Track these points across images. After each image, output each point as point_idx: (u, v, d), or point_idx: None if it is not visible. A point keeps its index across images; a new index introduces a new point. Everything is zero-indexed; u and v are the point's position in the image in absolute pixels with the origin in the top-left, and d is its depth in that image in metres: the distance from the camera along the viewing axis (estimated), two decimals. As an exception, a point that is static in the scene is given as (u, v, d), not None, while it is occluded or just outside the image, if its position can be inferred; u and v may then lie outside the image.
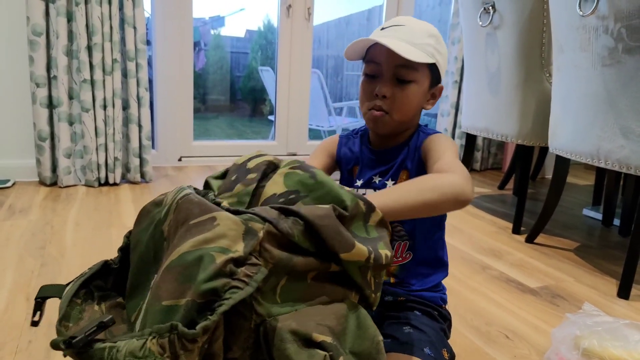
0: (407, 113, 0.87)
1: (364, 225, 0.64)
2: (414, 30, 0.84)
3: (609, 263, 1.57)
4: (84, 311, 0.63)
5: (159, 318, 0.50)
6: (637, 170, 1.27)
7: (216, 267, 0.51)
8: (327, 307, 0.59)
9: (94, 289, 0.68)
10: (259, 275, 0.53)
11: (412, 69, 0.83)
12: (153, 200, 0.70)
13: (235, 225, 0.55)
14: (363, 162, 0.95)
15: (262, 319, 0.54)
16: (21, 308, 1.06)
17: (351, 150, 0.97)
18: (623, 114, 1.29)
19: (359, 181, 0.93)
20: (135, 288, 0.65)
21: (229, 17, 5.87)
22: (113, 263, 0.72)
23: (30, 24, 1.93)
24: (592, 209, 2.16)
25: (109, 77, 2.07)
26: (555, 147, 1.61)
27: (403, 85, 0.84)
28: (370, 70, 0.86)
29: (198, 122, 3.10)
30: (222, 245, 0.53)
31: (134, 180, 2.23)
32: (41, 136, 2.03)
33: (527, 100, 1.82)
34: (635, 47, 1.23)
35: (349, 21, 6.14)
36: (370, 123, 0.89)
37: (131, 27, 2.09)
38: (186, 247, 0.53)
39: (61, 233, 1.53)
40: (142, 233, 0.67)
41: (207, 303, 0.50)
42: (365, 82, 0.88)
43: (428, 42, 0.84)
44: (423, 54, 0.82)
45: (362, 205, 0.64)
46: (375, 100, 0.85)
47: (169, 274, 0.52)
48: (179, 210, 0.60)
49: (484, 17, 1.90)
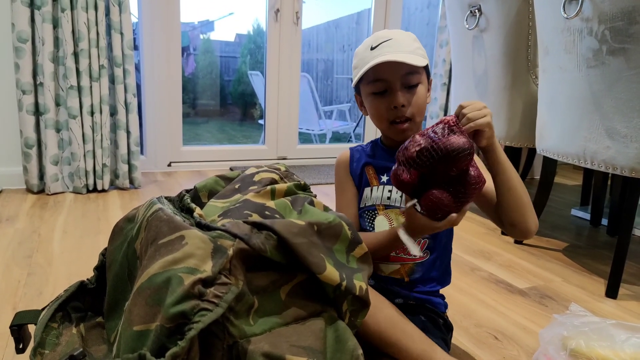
0: (422, 112, 0.94)
1: (346, 253, 0.64)
2: (402, 40, 0.91)
3: (597, 263, 1.58)
4: (61, 335, 0.62)
5: (131, 344, 0.49)
6: (622, 170, 1.28)
7: (184, 290, 0.49)
8: (304, 326, 0.58)
9: (71, 311, 0.67)
10: (229, 295, 0.51)
11: (416, 73, 0.90)
12: (126, 215, 0.69)
13: (204, 244, 0.54)
14: (379, 161, 0.99)
15: (235, 340, 0.53)
16: (7, 318, 1.05)
17: (365, 153, 1.02)
18: (608, 115, 1.31)
19: (384, 177, 0.98)
20: (113, 308, 0.64)
21: (218, 22, 5.85)
22: (89, 283, 0.71)
23: (16, 31, 1.91)
24: (580, 209, 2.18)
25: (96, 84, 2.06)
26: (542, 149, 1.62)
27: (412, 90, 0.91)
28: (377, 88, 0.91)
29: (188, 127, 3.10)
30: (190, 266, 0.51)
31: (122, 187, 2.21)
32: (28, 143, 2.01)
33: (514, 102, 1.84)
34: (619, 49, 1.24)
35: (338, 24, 6.15)
36: (399, 135, 0.93)
37: (118, 32, 2.08)
38: (155, 269, 0.52)
39: (48, 241, 1.52)
40: (116, 251, 0.66)
41: (177, 327, 0.49)
42: (375, 101, 0.93)
43: (417, 47, 0.92)
44: (420, 58, 0.90)
45: (348, 231, 0.65)
46: (395, 112, 0.90)
47: (139, 297, 0.51)
48: (149, 228, 0.59)
49: (471, 20, 1.92)
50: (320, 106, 4.06)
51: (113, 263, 0.65)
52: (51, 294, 1.16)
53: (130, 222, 0.67)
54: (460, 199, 0.74)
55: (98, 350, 0.61)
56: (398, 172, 0.75)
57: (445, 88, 2.91)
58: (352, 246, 0.65)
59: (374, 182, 0.98)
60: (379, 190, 0.97)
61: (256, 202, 0.65)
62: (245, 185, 0.70)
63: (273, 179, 0.72)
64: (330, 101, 6.09)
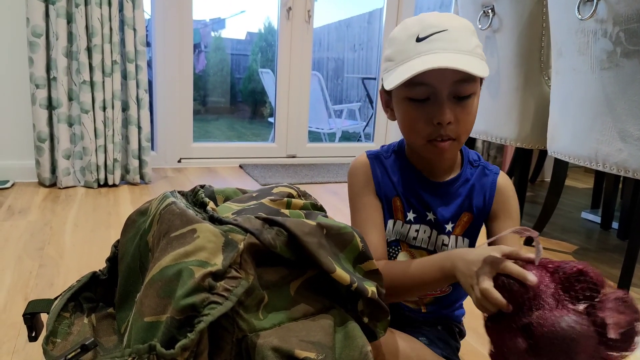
0: (470, 131, 0.75)
1: (353, 264, 0.63)
2: (461, 34, 0.69)
3: (607, 266, 1.57)
4: (73, 325, 0.62)
5: (141, 335, 0.50)
6: (635, 173, 1.27)
7: (194, 282, 0.50)
8: (313, 322, 0.57)
9: (83, 301, 0.68)
10: (239, 288, 0.52)
11: (472, 81, 0.69)
12: (138, 208, 0.69)
13: (215, 237, 0.54)
14: (408, 192, 0.80)
15: (244, 334, 0.53)
16: (19, 308, 1.06)
17: (389, 176, 0.81)
18: (621, 117, 1.30)
19: (410, 214, 0.80)
20: (124, 299, 0.64)
21: (230, 19, 5.87)
22: (101, 274, 0.72)
23: (30, 26, 1.93)
24: (591, 212, 2.16)
25: (109, 79, 2.08)
26: (554, 150, 1.61)
27: (463, 102, 0.70)
28: (417, 94, 0.70)
29: (198, 124, 3.11)
30: (201, 259, 0.52)
31: (133, 182, 2.23)
32: (40, 137, 2.04)
33: (526, 103, 1.83)
34: (634, 51, 1.23)
35: (349, 24, 6.15)
36: (437, 156, 0.74)
37: (131, 28, 2.10)
38: (167, 261, 0.53)
39: (60, 234, 1.53)
40: (128, 243, 0.67)
41: (187, 319, 0.49)
42: (412, 109, 0.72)
43: (477, 43, 0.71)
44: (482, 62, 0.69)
45: (359, 243, 0.63)
46: (437, 129, 0.70)
47: (151, 289, 0.52)
48: (161, 221, 0.60)
49: (484, 20, 1.91)
50: (330, 105, 4.06)
51: (125, 255, 0.66)
52: (62, 286, 1.17)
53: (142, 215, 0.67)
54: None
55: (109, 340, 0.61)
56: (516, 342, 0.53)
57: (456, 88, 2.90)
58: (361, 259, 0.63)
59: (399, 216, 0.81)
60: (403, 227, 0.81)
61: (271, 207, 0.65)
62: (263, 194, 0.70)
63: (291, 193, 0.71)
64: (340, 100, 6.09)
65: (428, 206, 0.80)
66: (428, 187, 0.80)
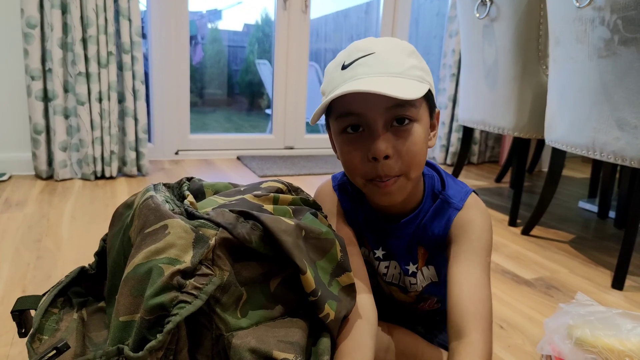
0: (420, 163, 0.65)
1: (330, 276, 0.60)
2: (390, 54, 0.62)
3: (603, 254, 1.57)
4: (61, 320, 0.61)
5: (117, 334, 0.49)
6: (632, 162, 1.27)
7: (163, 281, 0.48)
8: (292, 321, 0.56)
9: (73, 296, 0.67)
10: (210, 286, 0.50)
11: (410, 105, 0.61)
12: (125, 201, 0.68)
13: (185, 233, 0.52)
14: (372, 232, 0.76)
15: (221, 332, 0.52)
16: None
17: (355, 212, 0.76)
18: (619, 106, 1.29)
19: (379, 251, 0.76)
20: (112, 294, 0.63)
21: (226, 11, 5.83)
22: (90, 269, 0.71)
23: (25, 17, 1.92)
24: (588, 202, 2.16)
25: (105, 70, 2.06)
26: (551, 140, 1.61)
27: (402, 130, 0.62)
28: (346, 124, 0.63)
29: (195, 116, 3.10)
30: (171, 256, 0.50)
31: (130, 174, 2.22)
32: (37, 129, 2.03)
33: (523, 92, 1.82)
34: (631, 39, 1.23)
35: (347, 14, 6.11)
36: (382, 197, 0.65)
37: (126, 19, 2.08)
38: (139, 259, 0.51)
39: (57, 226, 1.53)
40: (115, 237, 0.66)
41: (158, 319, 0.48)
42: (346, 143, 0.64)
43: (412, 64, 0.62)
44: (416, 83, 0.61)
45: (339, 253, 0.61)
46: (375, 166, 0.62)
47: (125, 287, 0.51)
48: (139, 216, 0.58)
49: (481, 10, 1.90)
50: (328, 96, 4.04)
51: (112, 249, 0.65)
52: (59, 278, 1.17)
53: (128, 208, 0.66)
54: None
55: (99, 335, 0.60)
56: None
57: (454, 79, 2.90)
58: (338, 271, 0.60)
59: (367, 253, 0.78)
60: (374, 262, 0.78)
61: (253, 202, 0.62)
62: (251, 189, 0.68)
63: (279, 188, 0.68)
64: (337, 91, 6.05)
65: (390, 249, 0.76)
66: (385, 230, 0.74)
